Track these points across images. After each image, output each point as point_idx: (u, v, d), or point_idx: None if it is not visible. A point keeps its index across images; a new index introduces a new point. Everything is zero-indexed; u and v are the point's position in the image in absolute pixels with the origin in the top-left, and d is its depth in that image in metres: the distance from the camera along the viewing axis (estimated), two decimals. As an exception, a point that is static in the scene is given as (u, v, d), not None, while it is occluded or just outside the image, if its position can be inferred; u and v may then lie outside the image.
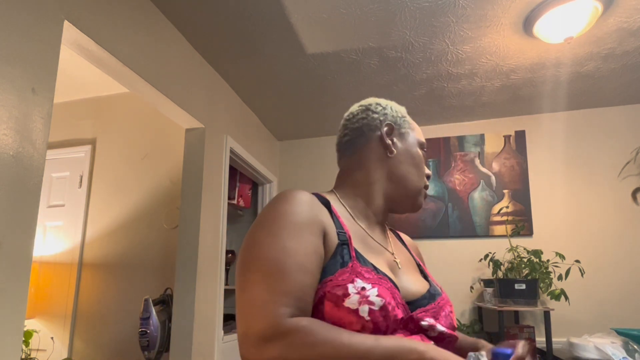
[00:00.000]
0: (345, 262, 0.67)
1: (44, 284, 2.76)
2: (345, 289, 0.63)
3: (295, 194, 0.72)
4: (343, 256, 0.68)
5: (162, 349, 2.27)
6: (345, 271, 0.66)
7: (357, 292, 0.63)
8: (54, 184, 2.92)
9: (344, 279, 0.64)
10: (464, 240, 2.98)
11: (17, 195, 1.17)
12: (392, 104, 0.90)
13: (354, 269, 0.66)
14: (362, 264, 0.68)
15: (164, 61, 1.92)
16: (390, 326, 0.64)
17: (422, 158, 0.88)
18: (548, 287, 2.46)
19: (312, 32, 2.03)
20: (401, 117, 0.89)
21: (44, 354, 2.63)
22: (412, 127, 0.89)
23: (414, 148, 0.87)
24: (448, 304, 0.78)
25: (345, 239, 0.71)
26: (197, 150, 2.24)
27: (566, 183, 2.91)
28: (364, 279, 0.65)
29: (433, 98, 2.78)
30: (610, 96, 2.76)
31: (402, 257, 0.84)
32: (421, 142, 0.89)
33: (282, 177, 3.53)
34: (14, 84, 1.19)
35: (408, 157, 0.85)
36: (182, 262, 2.13)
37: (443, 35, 2.07)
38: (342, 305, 0.62)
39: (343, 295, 0.63)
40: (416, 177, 0.85)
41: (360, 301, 0.62)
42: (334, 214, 0.76)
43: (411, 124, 0.90)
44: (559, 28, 1.91)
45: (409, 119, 0.91)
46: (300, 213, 0.69)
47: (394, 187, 0.84)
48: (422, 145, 0.89)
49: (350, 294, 0.63)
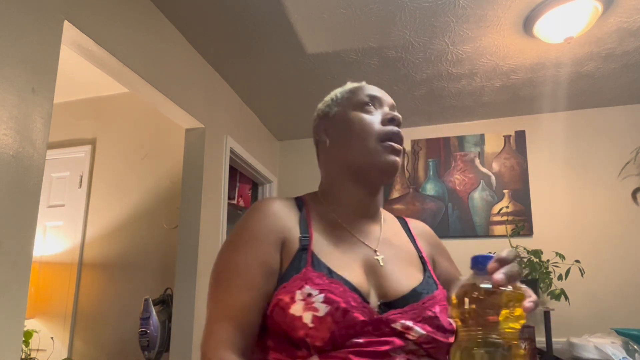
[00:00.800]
0: (300, 268, 0.67)
1: (44, 284, 2.76)
2: (292, 295, 0.63)
3: (258, 206, 0.75)
4: (300, 262, 0.68)
5: (162, 349, 2.27)
6: (297, 278, 0.65)
7: (303, 298, 0.62)
8: (54, 184, 2.92)
9: (294, 285, 0.64)
10: (464, 240, 2.98)
11: (17, 195, 1.17)
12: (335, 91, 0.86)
13: (305, 274, 0.65)
14: (316, 268, 0.67)
15: (164, 61, 1.91)
16: (348, 331, 0.60)
17: (362, 118, 0.77)
18: (548, 287, 2.46)
19: (312, 32, 2.03)
20: (332, 102, 0.84)
21: (44, 354, 2.63)
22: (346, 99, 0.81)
23: (348, 117, 0.79)
24: (439, 303, 0.69)
25: (306, 244, 0.70)
26: (197, 150, 2.24)
27: (566, 183, 2.91)
28: (313, 284, 0.64)
29: (433, 98, 2.78)
30: (610, 96, 2.76)
31: (392, 251, 0.77)
32: (360, 100, 0.79)
33: (282, 177, 3.53)
34: (14, 84, 1.19)
35: (343, 133, 0.79)
36: (182, 262, 2.13)
37: (443, 35, 2.07)
38: (288, 312, 0.62)
39: (290, 301, 0.62)
40: (359, 144, 0.76)
41: (304, 308, 0.61)
42: (305, 217, 0.75)
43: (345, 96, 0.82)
44: (559, 28, 1.91)
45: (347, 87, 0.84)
46: (255, 226, 0.72)
47: (348, 166, 0.78)
48: (360, 103, 0.79)
49: (296, 301, 0.62)
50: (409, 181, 3.18)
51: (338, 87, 0.90)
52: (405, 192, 3.16)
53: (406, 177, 3.19)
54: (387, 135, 0.75)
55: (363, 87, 0.82)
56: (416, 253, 0.80)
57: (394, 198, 3.17)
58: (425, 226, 0.91)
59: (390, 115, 0.76)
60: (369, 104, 0.78)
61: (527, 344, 2.34)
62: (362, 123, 0.76)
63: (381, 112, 0.78)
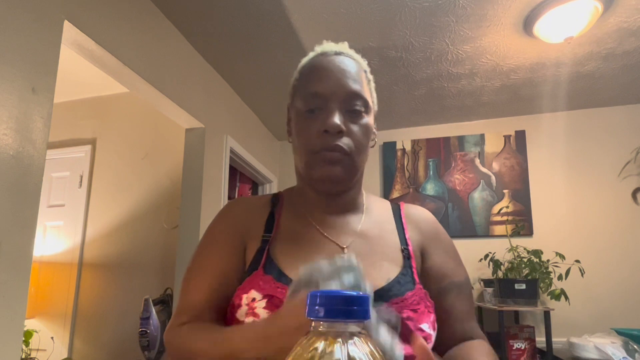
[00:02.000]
0: (254, 269, 0.64)
1: (44, 284, 2.76)
2: (239, 299, 0.61)
3: (225, 207, 0.75)
4: (257, 263, 0.64)
5: (162, 349, 2.27)
6: (248, 280, 0.62)
7: (248, 303, 0.60)
8: (54, 184, 2.92)
9: (243, 288, 0.62)
10: (464, 240, 2.98)
11: (17, 195, 1.17)
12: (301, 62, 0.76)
13: (254, 277, 0.62)
14: (267, 271, 0.62)
15: (164, 61, 1.91)
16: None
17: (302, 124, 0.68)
18: (548, 287, 2.46)
19: (312, 32, 2.03)
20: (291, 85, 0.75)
21: (44, 354, 2.63)
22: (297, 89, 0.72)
23: (294, 118, 0.71)
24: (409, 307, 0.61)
25: (265, 244, 0.66)
26: (197, 150, 2.24)
27: (566, 183, 2.91)
28: (259, 288, 0.60)
29: (433, 98, 2.78)
30: (610, 96, 2.76)
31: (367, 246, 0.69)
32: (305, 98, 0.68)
33: (282, 177, 3.53)
34: (14, 84, 1.19)
35: (294, 131, 0.71)
36: (182, 262, 2.13)
37: (443, 35, 2.07)
38: (235, 315, 0.61)
39: (237, 305, 0.61)
40: (299, 145, 0.68)
41: (247, 313, 0.59)
42: (276, 215, 0.72)
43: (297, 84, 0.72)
44: (559, 28, 1.91)
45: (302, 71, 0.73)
46: (217, 228, 0.72)
47: (298, 167, 0.72)
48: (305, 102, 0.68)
49: (242, 305, 0.60)
50: (409, 181, 3.18)
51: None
52: (405, 192, 3.16)
53: (406, 177, 3.19)
54: (320, 147, 0.65)
55: (313, 74, 0.69)
56: (399, 245, 0.71)
57: (394, 198, 3.17)
58: (425, 213, 0.81)
59: (324, 127, 0.64)
60: (312, 107, 0.67)
61: (527, 344, 2.34)
62: (300, 130, 0.68)
63: (322, 116, 0.66)
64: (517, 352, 2.32)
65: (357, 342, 0.30)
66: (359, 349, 0.30)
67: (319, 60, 0.71)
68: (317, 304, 0.31)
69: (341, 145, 0.65)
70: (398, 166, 3.22)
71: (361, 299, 0.31)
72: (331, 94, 0.66)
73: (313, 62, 0.72)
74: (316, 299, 0.31)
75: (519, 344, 2.33)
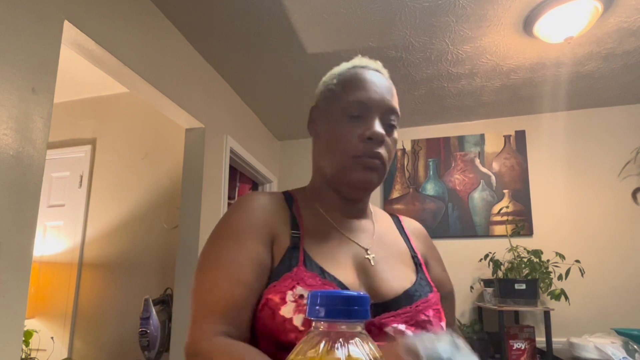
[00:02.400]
0: (292, 266, 0.64)
1: (44, 284, 2.76)
2: (283, 296, 0.60)
3: (246, 200, 0.71)
4: (291, 260, 0.64)
5: (162, 349, 2.27)
6: (288, 277, 0.62)
7: (295, 300, 0.59)
8: (54, 184, 2.92)
9: (285, 285, 0.61)
10: (464, 240, 2.98)
11: (17, 195, 1.17)
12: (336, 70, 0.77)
13: (297, 274, 0.62)
14: (308, 268, 0.63)
15: (164, 61, 1.91)
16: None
17: (342, 129, 0.70)
18: (548, 287, 2.46)
19: (312, 32, 2.03)
20: (325, 89, 0.77)
21: (44, 354, 2.63)
22: (336, 95, 0.73)
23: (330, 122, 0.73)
24: (432, 307, 0.66)
25: (297, 241, 0.67)
26: (197, 150, 2.24)
27: (566, 183, 2.91)
28: (305, 285, 0.60)
29: (433, 98, 2.78)
30: (611, 96, 2.76)
31: (384, 250, 0.73)
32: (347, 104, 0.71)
33: (282, 177, 3.53)
34: (14, 84, 1.19)
35: (324, 139, 0.73)
36: (182, 262, 2.13)
37: (443, 35, 2.07)
38: (278, 313, 0.59)
39: (280, 302, 0.60)
40: (333, 158, 0.71)
41: (295, 310, 0.58)
42: (296, 213, 0.72)
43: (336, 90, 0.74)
44: (559, 28, 1.91)
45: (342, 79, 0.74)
46: (244, 221, 0.68)
47: (326, 170, 0.73)
48: (346, 109, 0.71)
49: (287, 302, 0.59)
50: (409, 181, 3.18)
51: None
52: (405, 192, 3.16)
53: (406, 177, 3.19)
54: (362, 152, 0.69)
55: (358, 83, 0.72)
56: (409, 252, 0.77)
57: (394, 198, 3.17)
58: (419, 225, 0.87)
59: (369, 133, 0.68)
60: (355, 114, 0.70)
61: (527, 344, 2.34)
62: (339, 134, 0.70)
63: (366, 123, 0.69)
64: (517, 352, 2.32)
65: (357, 342, 0.30)
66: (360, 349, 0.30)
67: (362, 72, 0.74)
68: (318, 304, 0.31)
69: (381, 153, 0.69)
70: (398, 166, 3.22)
71: (361, 299, 0.31)
72: (375, 105, 0.70)
73: (356, 72, 0.74)
74: (317, 299, 0.31)
75: (519, 344, 2.33)
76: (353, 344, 0.30)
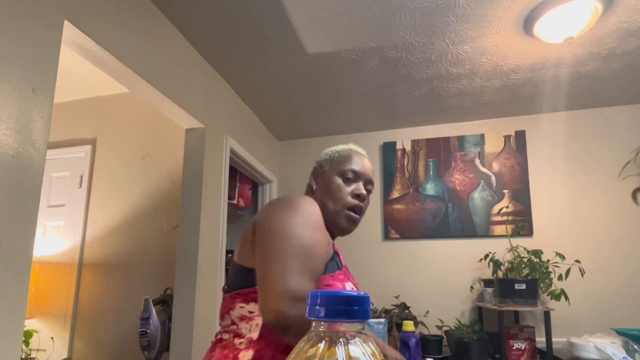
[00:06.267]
0: (340, 267, 0.90)
1: (44, 284, 2.76)
2: (343, 286, 0.84)
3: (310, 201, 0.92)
4: (337, 262, 0.90)
5: (162, 349, 2.27)
6: (341, 273, 0.87)
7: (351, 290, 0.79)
8: (54, 184, 2.92)
9: (341, 278, 0.84)
10: (464, 240, 2.98)
11: (17, 195, 1.17)
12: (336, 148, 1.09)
13: (345, 273, 0.89)
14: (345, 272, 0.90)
15: (164, 61, 1.91)
16: None
17: (340, 185, 1.01)
18: (548, 287, 2.46)
19: (312, 32, 2.03)
20: (328, 158, 1.08)
21: (44, 354, 2.63)
22: (337, 163, 1.05)
23: (332, 179, 1.03)
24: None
25: (336, 251, 0.94)
26: (197, 150, 2.24)
27: (566, 183, 2.91)
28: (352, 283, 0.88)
29: (433, 98, 2.78)
30: (610, 96, 2.76)
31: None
32: (344, 170, 1.03)
33: (282, 177, 3.53)
34: (14, 84, 1.19)
35: (325, 189, 1.03)
36: (182, 262, 2.13)
37: (443, 35, 2.07)
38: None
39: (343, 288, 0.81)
40: (331, 204, 1.00)
41: None
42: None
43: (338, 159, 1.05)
44: (559, 28, 1.91)
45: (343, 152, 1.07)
46: (319, 219, 0.90)
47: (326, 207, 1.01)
48: (343, 173, 1.03)
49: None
50: (409, 181, 3.18)
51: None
52: (405, 192, 3.16)
53: (406, 177, 3.19)
54: (352, 206, 1.01)
55: (352, 159, 1.05)
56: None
57: (394, 198, 3.17)
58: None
59: (358, 191, 1.01)
60: (349, 178, 1.03)
61: (527, 344, 2.34)
62: (337, 189, 1.01)
63: (356, 185, 1.03)
64: (517, 352, 2.32)
65: (358, 341, 0.30)
66: (360, 348, 0.30)
67: (356, 153, 1.08)
68: (318, 304, 0.31)
69: (362, 207, 1.03)
70: (398, 166, 3.22)
71: (361, 299, 0.31)
72: (362, 175, 1.05)
73: (352, 153, 1.08)
74: (317, 299, 0.31)
75: (519, 344, 2.33)
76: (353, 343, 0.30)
